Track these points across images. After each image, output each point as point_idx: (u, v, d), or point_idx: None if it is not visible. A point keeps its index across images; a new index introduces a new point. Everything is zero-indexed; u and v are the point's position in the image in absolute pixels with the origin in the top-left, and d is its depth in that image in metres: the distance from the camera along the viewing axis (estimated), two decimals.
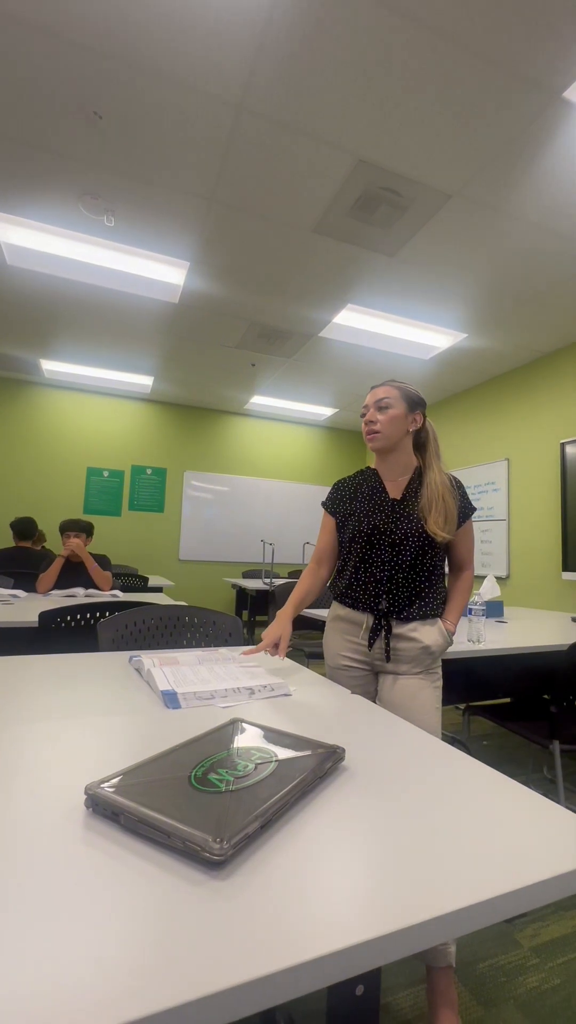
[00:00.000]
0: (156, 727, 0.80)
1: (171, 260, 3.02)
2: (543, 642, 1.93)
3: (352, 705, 0.97)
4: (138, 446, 5.74)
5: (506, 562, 4.42)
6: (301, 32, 1.68)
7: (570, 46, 1.68)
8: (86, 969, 0.35)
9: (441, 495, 1.32)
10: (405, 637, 1.31)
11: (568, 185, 2.30)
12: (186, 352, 4.38)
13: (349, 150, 2.15)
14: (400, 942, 0.40)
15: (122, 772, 0.58)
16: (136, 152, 2.21)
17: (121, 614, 1.52)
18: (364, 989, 0.60)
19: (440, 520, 1.30)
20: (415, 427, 1.38)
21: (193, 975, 0.35)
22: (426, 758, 0.72)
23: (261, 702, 0.95)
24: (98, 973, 0.34)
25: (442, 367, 4.50)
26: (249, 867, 0.46)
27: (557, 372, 4.08)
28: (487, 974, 1.25)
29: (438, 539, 1.30)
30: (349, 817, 0.56)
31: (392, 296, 3.34)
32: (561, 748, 1.70)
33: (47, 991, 0.33)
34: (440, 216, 2.53)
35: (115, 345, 4.29)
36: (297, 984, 0.37)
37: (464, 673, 2.03)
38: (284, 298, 3.42)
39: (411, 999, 1.17)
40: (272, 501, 6.28)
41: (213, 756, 0.64)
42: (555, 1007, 1.16)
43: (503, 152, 2.13)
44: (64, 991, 0.33)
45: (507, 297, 3.29)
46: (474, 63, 1.75)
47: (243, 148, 2.17)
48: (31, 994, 0.33)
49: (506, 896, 0.45)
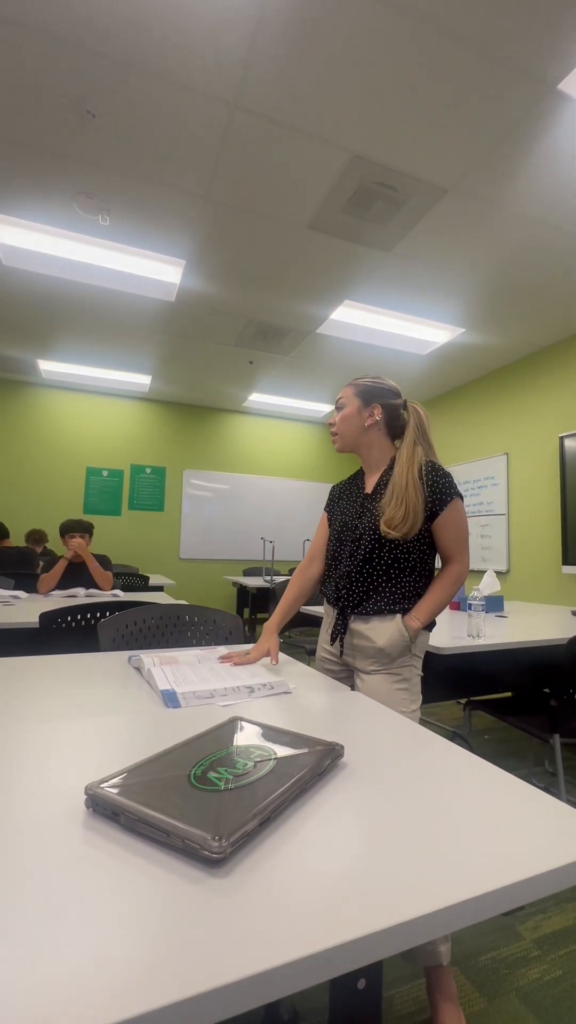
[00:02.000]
0: (156, 726, 0.80)
1: (167, 258, 3.01)
2: (543, 636, 1.93)
3: (351, 702, 0.97)
4: (137, 445, 5.74)
5: (506, 556, 4.42)
6: (294, 28, 1.67)
7: (565, 38, 1.67)
8: (87, 967, 0.35)
9: (403, 487, 1.25)
10: (361, 634, 1.30)
11: (564, 177, 2.29)
12: (184, 350, 4.37)
13: (344, 146, 2.15)
14: (400, 936, 0.41)
15: (122, 772, 0.58)
16: (130, 151, 2.20)
17: (121, 614, 1.52)
18: (366, 983, 0.61)
19: (398, 515, 1.23)
20: (371, 421, 1.34)
21: (194, 971, 0.35)
22: (425, 754, 0.73)
23: (261, 700, 0.95)
24: (99, 971, 0.35)
25: (440, 362, 4.49)
26: (248, 864, 0.47)
27: (555, 366, 4.07)
28: (489, 966, 1.26)
29: (389, 536, 1.24)
30: (348, 813, 0.56)
31: (389, 292, 3.33)
32: (561, 741, 1.71)
33: (49, 989, 0.33)
34: (436, 211, 2.53)
35: (112, 344, 4.28)
36: (297, 979, 0.37)
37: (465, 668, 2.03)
38: (281, 295, 3.41)
39: (413, 993, 1.17)
40: (272, 498, 6.28)
41: (212, 755, 0.64)
42: (557, 998, 1.17)
43: (499, 145, 2.12)
44: (65, 989, 0.33)
45: (504, 291, 3.28)
46: (468, 56, 1.74)
47: (238, 145, 2.16)
48: (33, 992, 0.33)
49: (505, 889, 0.45)
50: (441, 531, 1.29)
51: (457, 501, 1.28)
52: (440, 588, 1.29)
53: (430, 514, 1.27)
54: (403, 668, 1.28)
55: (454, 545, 1.30)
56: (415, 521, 1.24)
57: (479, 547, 4.70)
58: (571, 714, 1.74)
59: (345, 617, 1.34)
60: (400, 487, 1.25)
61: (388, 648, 1.26)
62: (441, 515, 1.27)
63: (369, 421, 1.35)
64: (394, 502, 1.25)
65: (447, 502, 1.26)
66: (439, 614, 1.31)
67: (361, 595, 1.31)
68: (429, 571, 1.33)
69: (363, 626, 1.30)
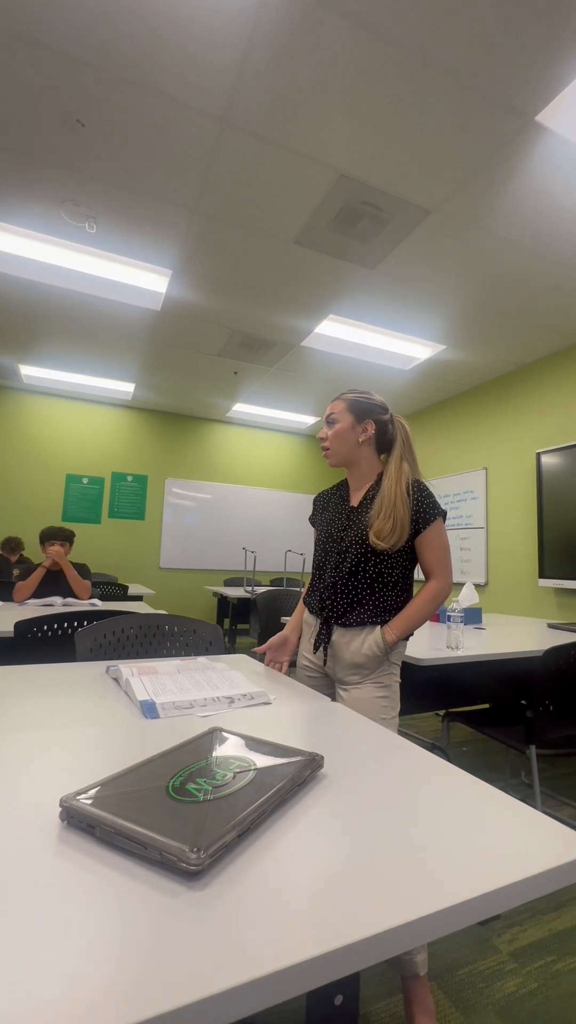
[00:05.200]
0: (134, 737, 0.79)
1: (153, 268, 3.02)
2: (520, 648, 1.96)
3: (331, 712, 0.97)
4: (119, 453, 5.69)
5: (484, 569, 4.49)
6: (285, 51, 1.72)
7: (542, 71, 1.75)
8: (60, 986, 0.34)
9: (392, 501, 1.28)
10: (343, 644, 1.32)
11: (541, 205, 2.38)
12: (168, 359, 4.37)
13: (331, 164, 2.20)
14: (377, 946, 0.41)
15: (98, 784, 0.57)
16: (119, 161, 2.21)
17: (100, 623, 1.50)
18: (343, 999, 0.60)
19: (386, 527, 1.26)
20: (365, 436, 1.37)
21: (170, 986, 0.35)
22: (404, 765, 0.73)
23: (241, 711, 0.95)
24: (73, 989, 0.34)
25: (422, 378, 4.58)
26: (226, 876, 0.46)
27: (532, 384, 4.19)
28: (466, 981, 1.25)
29: (378, 548, 1.27)
30: (327, 824, 0.56)
31: (373, 308, 3.40)
32: (538, 753, 1.73)
33: (22, 1008, 0.32)
34: (419, 231, 2.60)
35: (96, 351, 4.26)
36: (275, 992, 0.37)
37: (443, 680, 2.05)
38: (266, 308, 3.44)
39: (389, 1009, 1.16)
40: (254, 509, 6.27)
41: (191, 766, 0.63)
42: (533, 1011, 1.17)
43: (480, 172, 2.19)
44: (39, 1007, 0.32)
45: (484, 310, 3.37)
46: (452, 85, 1.81)
47: (226, 160, 2.20)
48: (6, 1012, 0.32)
49: (483, 897, 0.46)
50: (424, 548, 1.32)
51: (439, 520, 1.32)
52: (420, 602, 1.32)
53: (414, 531, 1.30)
54: (383, 676, 1.30)
55: (436, 562, 1.32)
56: (402, 534, 1.27)
57: (459, 560, 4.76)
58: (547, 725, 1.76)
59: (329, 627, 1.35)
60: (389, 501, 1.29)
61: (367, 659, 1.28)
62: (424, 532, 1.30)
63: (363, 437, 1.38)
64: (383, 515, 1.28)
65: (431, 520, 1.30)
66: (417, 628, 1.33)
67: (345, 607, 1.33)
68: (410, 586, 1.36)
69: (345, 637, 1.32)
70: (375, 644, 1.28)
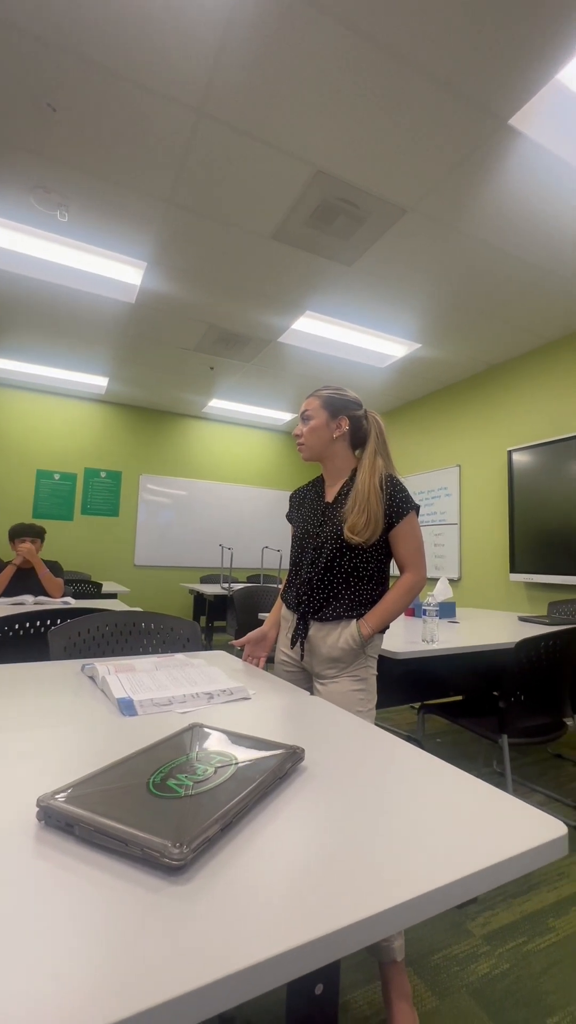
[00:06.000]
0: (112, 736, 0.78)
1: (128, 259, 2.97)
2: (492, 641, 2.01)
3: (310, 705, 0.98)
4: (92, 448, 5.58)
5: (458, 564, 4.58)
6: (260, 43, 1.70)
7: (515, 75, 1.78)
8: (45, 985, 0.34)
9: (366, 496, 1.29)
10: (320, 639, 1.33)
11: (515, 207, 2.43)
12: (142, 353, 4.30)
13: (308, 160, 2.19)
14: (357, 933, 0.41)
15: (76, 782, 0.56)
16: (91, 148, 2.16)
17: (73, 621, 1.47)
18: (323, 988, 0.61)
19: (360, 522, 1.27)
20: (339, 432, 1.38)
21: (154, 981, 0.34)
22: (383, 755, 0.74)
23: (220, 706, 0.94)
24: (57, 987, 0.33)
25: (398, 375, 4.63)
26: (209, 870, 0.46)
27: (504, 383, 4.28)
28: (441, 965, 1.29)
29: (352, 543, 1.29)
30: (307, 816, 0.57)
31: (350, 305, 3.41)
32: (509, 742, 1.78)
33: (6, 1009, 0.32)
34: (396, 229, 2.62)
35: (67, 344, 4.16)
36: (257, 983, 0.37)
37: (419, 673, 2.09)
38: (243, 303, 3.42)
39: (368, 995, 1.18)
40: (231, 505, 6.24)
41: (172, 762, 0.63)
42: (505, 991, 1.21)
43: (454, 172, 2.22)
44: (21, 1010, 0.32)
45: (459, 310, 3.43)
46: (428, 86, 1.83)
47: (202, 152, 2.17)
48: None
49: (459, 881, 0.47)
50: (397, 541, 1.34)
51: (412, 514, 1.34)
52: (394, 596, 1.33)
53: (388, 525, 1.32)
54: (359, 670, 1.31)
55: (409, 555, 1.34)
56: (376, 528, 1.29)
57: (433, 555, 4.84)
58: (518, 715, 1.81)
59: (305, 622, 1.36)
60: (363, 496, 1.30)
61: (343, 652, 1.30)
62: (398, 526, 1.32)
63: (337, 433, 1.39)
64: (356, 510, 1.29)
65: (404, 514, 1.32)
66: (392, 620, 1.35)
67: (321, 601, 1.34)
68: (385, 580, 1.38)
69: (322, 631, 1.33)
70: (351, 638, 1.29)
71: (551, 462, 3.75)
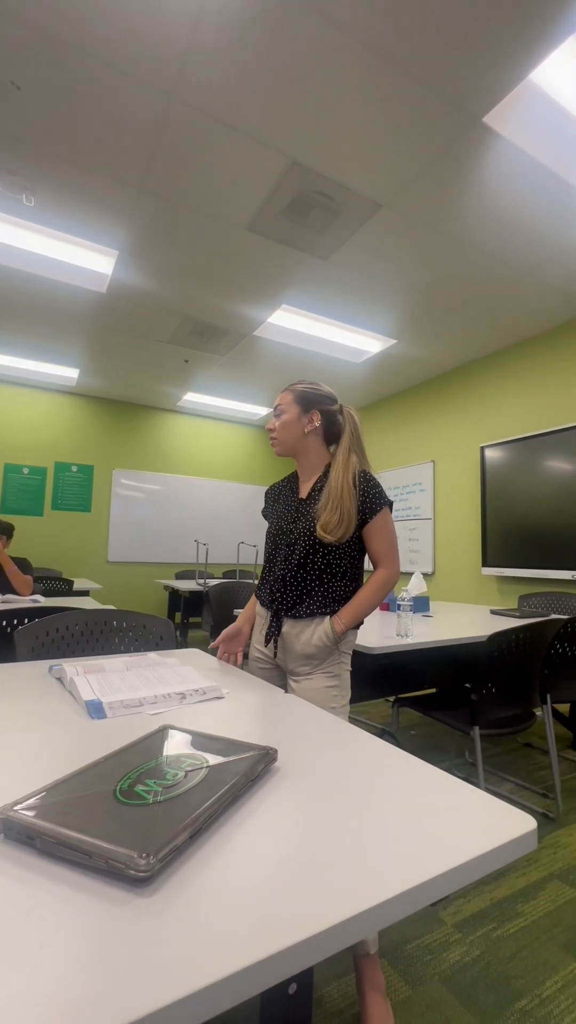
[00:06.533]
0: (80, 740, 0.76)
1: (98, 248, 2.88)
2: (465, 634, 2.04)
3: (284, 704, 0.97)
4: (62, 442, 5.43)
5: (432, 559, 4.64)
6: (234, 27, 1.66)
7: (489, 73, 1.79)
8: (10, 1008, 0.32)
9: (339, 493, 1.28)
10: (294, 636, 1.33)
11: (488, 206, 2.45)
12: (115, 344, 4.20)
13: (283, 151, 2.16)
14: (331, 939, 0.41)
15: (39, 791, 0.54)
16: (59, 130, 2.08)
17: (41, 620, 1.42)
18: (297, 987, 0.60)
19: (333, 520, 1.27)
20: (311, 427, 1.37)
21: (122, 999, 0.33)
22: (356, 753, 0.74)
23: (193, 706, 0.93)
24: (23, 1009, 0.32)
25: (373, 371, 4.64)
26: (178, 880, 0.45)
27: (477, 380, 4.35)
28: (414, 955, 1.30)
29: (325, 540, 1.28)
30: (280, 819, 0.56)
31: (326, 299, 3.40)
32: (481, 733, 1.81)
33: None
34: (371, 224, 2.61)
35: (36, 334, 4.02)
36: (230, 994, 0.36)
37: (393, 667, 2.11)
38: (218, 294, 3.37)
39: (342, 989, 1.19)
40: (206, 500, 6.18)
41: (141, 767, 0.61)
42: (475, 977, 1.23)
43: (429, 169, 2.23)
44: None
45: (433, 307, 3.45)
46: (403, 80, 1.82)
47: (175, 138, 2.11)
48: None
49: (433, 880, 0.47)
50: (371, 537, 1.34)
51: (386, 510, 1.33)
52: (367, 592, 1.33)
53: (361, 521, 1.31)
54: (333, 666, 1.31)
55: (383, 551, 1.34)
56: (348, 526, 1.28)
57: (408, 550, 4.90)
58: (490, 707, 1.85)
59: (279, 619, 1.35)
60: (336, 493, 1.29)
61: (317, 649, 1.29)
62: (371, 522, 1.32)
63: (309, 427, 1.38)
64: (329, 507, 1.28)
65: (377, 510, 1.31)
66: (365, 616, 1.34)
67: (295, 598, 1.33)
68: (359, 575, 1.38)
69: (295, 628, 1.33)
70: (324, 635, 1.29)
71: (521, 458, 3.83)
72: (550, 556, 3.59)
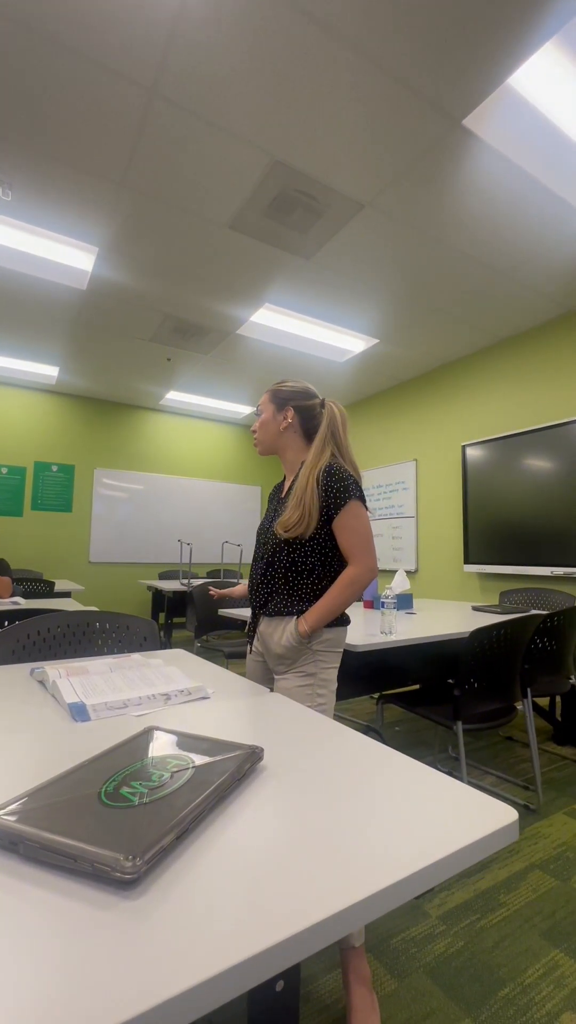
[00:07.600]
0: (63, 743, 0.75)
1: (78, 244, 2.84)
2: (448, 631, 2.07)
3: (270, 703, 0.97)
4: (42, 441, 5.34)
5: (415, 556, 4.69)
6: (217, 23, 1.65)
7: (470, 76, 1.81)
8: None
9: (302, 489, 1.27)
10: (267, 635, 1.34)
11: (468, 208, 2.49)
12: (95, 342, 4.14)
13: (265, 149, 2.16)
14: (318, 934, 0.41)
15: (21, 796, 0.53)
16: (36, 124, 2.04)
17: (22, 623, 1.40)
18: (284, 984, 0.61)
19: (292, 518, 1.25)
20: (285, 424, 1.38)
21: (110, 1002, 0.33)
22: (341, 750, 0.74)
23: (178, 707, 0.92)
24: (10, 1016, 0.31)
25: (356, 370, 4.67)
26: (164, 882, 0.45)
27: (459, 380, 4.40)
28: (399, 947, 1.32)
29: (282, 537, 1.28)
30: (266, 817, 0.56)
31: (309, 298, 3.40)
32: (463, 728, 1.84)
33: None
34: (354, 224, 2.62)
35: (13, 331, 3.95)
36: (218, 994, 0.36)
37: (377, 664, 2.12)
38: (200, 293, 3.35)
39: (328, 984, 1.20)
40: (189, 500, 6.15)
41: (125, 769, 0.61)
42: (460, 968, 1.25)
43: (411, 170, 2.25)
44: None
45: (415, 307, 3.49)
46: (384, 81, 1.83)
47: (156, 134, 2.09)
48: None
49: (418, 873, 0.47)
50: (338, 533, 1.29)
51: (353, 504, 1.27)
52: (334, 591, 1.27)
53: (328, 517, 1.27)
54: (306, 665, 1.29)
55: (352, 547, 1.28)
56: (309, 523, 1.25)
57: (391, 548, 4.94)
58: (472, 702, 1.88)
59: (256, 618, 1.37)
60: (300, 489, 1.28)
61: (286, 650, 1.29)
62: (337, 517, 1.27)
63: (283, 425, 1.38)
64: (292, 503, 1.28)
65: (342, 505, 1.26)
66: (333, 616, 1.28)
67: (265, 596, 1.35)
68: (331, 572, 1.32)
69: (269, 627, 1.34)
70: (290, 636, 1.28)
71: (502, 456, 3.89)
72: (530, 553, 3.65)
